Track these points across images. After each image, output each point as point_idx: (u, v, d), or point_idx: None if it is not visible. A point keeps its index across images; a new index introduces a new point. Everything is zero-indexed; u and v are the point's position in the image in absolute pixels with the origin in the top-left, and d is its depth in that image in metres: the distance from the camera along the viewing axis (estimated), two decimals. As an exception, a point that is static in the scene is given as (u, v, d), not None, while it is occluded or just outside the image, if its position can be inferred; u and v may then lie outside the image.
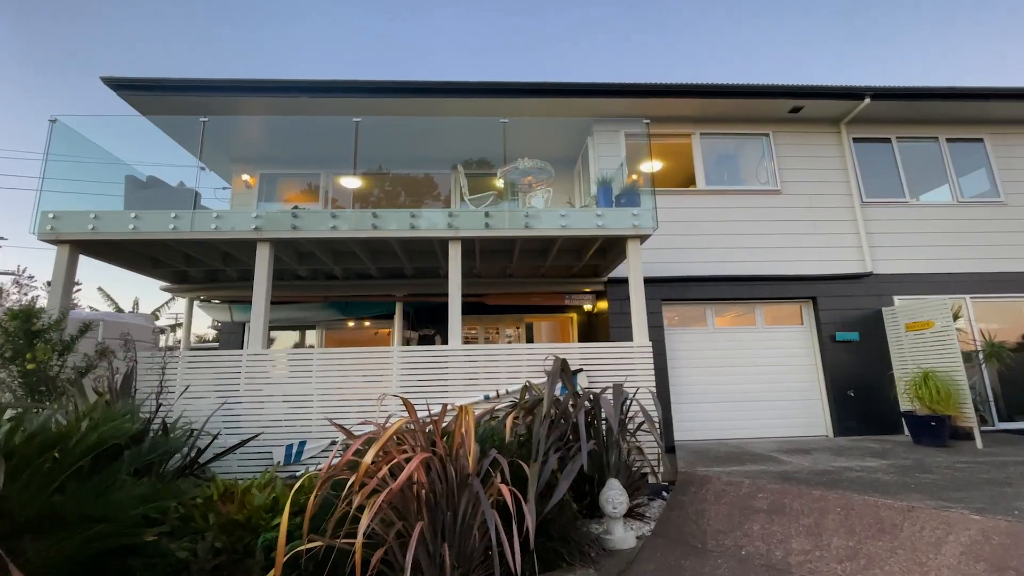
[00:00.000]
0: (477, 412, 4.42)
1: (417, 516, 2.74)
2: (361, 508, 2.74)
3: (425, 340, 8.41)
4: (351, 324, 8.97)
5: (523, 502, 2.65)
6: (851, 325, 7.60)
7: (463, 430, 2.99)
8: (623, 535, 3.55)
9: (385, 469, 2.71)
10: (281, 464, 4.64)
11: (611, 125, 8.02)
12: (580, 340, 9.14)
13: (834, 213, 8.00)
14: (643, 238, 5.55)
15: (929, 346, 6.88)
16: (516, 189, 7.08)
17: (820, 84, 7.73)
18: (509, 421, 3.65)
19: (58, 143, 5.29)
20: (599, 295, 7.90)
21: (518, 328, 9.41)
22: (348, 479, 2.99)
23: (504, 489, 2.63)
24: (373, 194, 9.09)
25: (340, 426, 3.26)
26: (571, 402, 4.08)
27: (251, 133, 8.38)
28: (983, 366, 7.48)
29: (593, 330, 8.76)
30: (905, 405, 6.95)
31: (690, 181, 8.10)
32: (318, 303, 7.78)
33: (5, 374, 4.07)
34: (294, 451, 4.76)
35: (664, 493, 4.74)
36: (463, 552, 2.82)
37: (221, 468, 4.32)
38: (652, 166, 7.28)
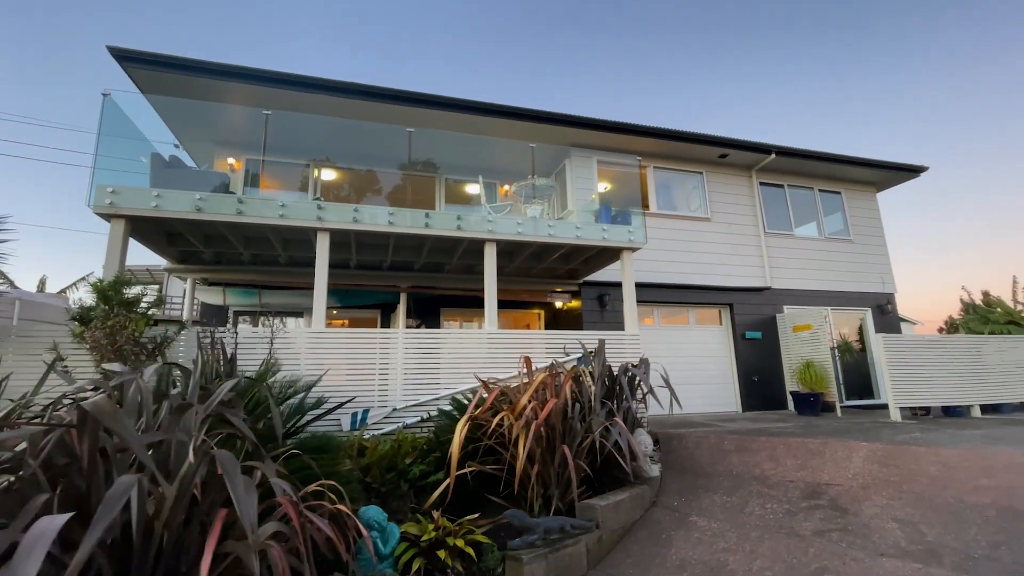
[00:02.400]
0: (517, 383, 5.45)
1: (548, 442, 3.79)
2: (492, 438, 3.72)
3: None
4: (334, 312, 9.30)
5: (628, 435, 3.83)
6: (756, 326, 9.87)
7: (569, 383, 4.08)
8: (650, 467, 4.88)
9: (532, 406, 3.72)
10: (347, 430, 5.25)
11: (586, 152, 9.46)
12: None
13: (746, 239, 10.28)
14: (634, 250, 7.01)
15: (808, 343, 9.31)
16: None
17: (742, 139, 9.93)
18: (568, 385, 4.78)
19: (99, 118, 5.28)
20: (573, 295, 9.27)
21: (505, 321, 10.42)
22: (480, 423, 3.93)
23: (618, 421, 3.80)
24: (345, 189, 9.56)
25: (481, 379, 4.16)
26: (607, 372, 5.32)
27: (242, 119, 8.37)
28: (837, 359, 10.19)
29: (559, 324, 10.11)
30: (792, 387, 9.32)
31: (643, 204, 9.83)
32: (307, 290, 8.09)
33: (108, 340, 4.24)
34: (358, 418, 5.39)
35: (653, 447, 6.19)
36: (579, 469, 3.92)
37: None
38: (645, 195, 8.81)
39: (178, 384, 3.83)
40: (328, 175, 9.20)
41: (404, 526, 3.33)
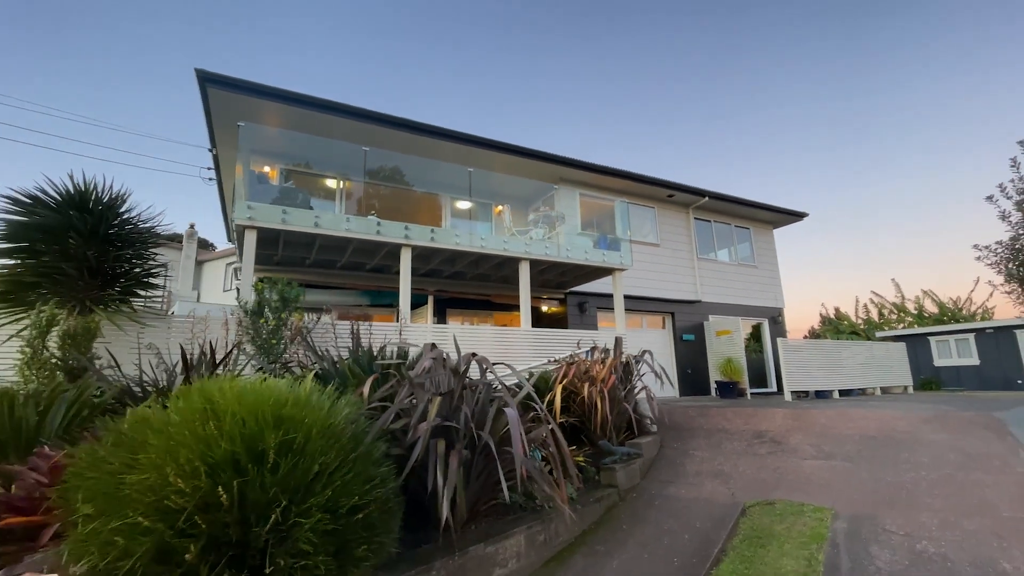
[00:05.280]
0: (554, 367, 7.36)
1: (611, 404, 5.78)
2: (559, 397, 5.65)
3: (426, 326, 10.55)
4: (367, 308, 10.47)
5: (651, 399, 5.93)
6: (690, 330, 12.66)
7: (611, 363, 6.11)
8: (652, 425, 7.05)
9: (606, 372, 5.68)
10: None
11: (571, 185, 11.59)
12: (526, 333, 12.34)
13: (684, 262, 13.07)
14: (623, 270, 9.23)
15: (727, 344, 12.23)
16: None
17: (685, 183, 12.67)
18: (609, 363, 6.77)
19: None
20: (560, 302, 11.32)
21: (486, 319, 12.13)
22: (562, 388, 5.81)
23: (647, 390, 5.88)
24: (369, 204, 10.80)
25: (561, 360, 5.99)
26: (622, 359, 7.40)
27: (279, 133, 9.32)
28: (744, 357, 13.32)
29: (541, 325, 12.08)
30: (716, 377, 12.19)
31: (612, 230, 12.18)
32: (354, 290, 9.32)
33: (273, 329, 5.45)
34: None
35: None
36: (626, 420, 5.95)
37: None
38: (630, 227, 11.02)
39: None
40: (354, 187, 10.35)
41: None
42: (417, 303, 10.11)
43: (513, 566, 3.52)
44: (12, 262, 4.71)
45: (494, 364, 4.09)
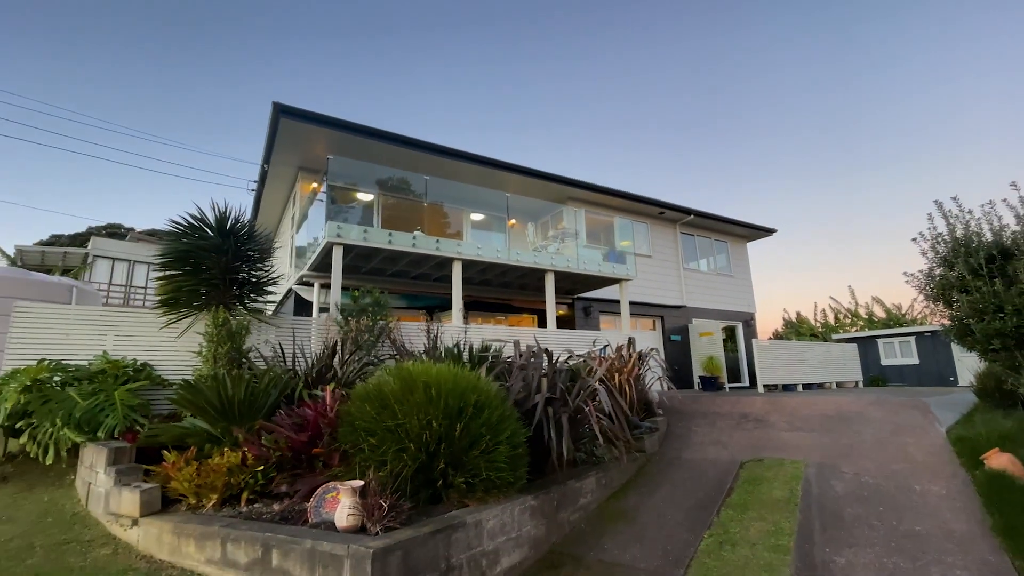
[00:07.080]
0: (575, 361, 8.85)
1: (635, 387, 7.33)
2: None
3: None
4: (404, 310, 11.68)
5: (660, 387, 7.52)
6: (677, 332, 14.41)
7: (634, 357, 7.67)
8: (658, 409, 8.65)
9: (631, 365, 7.22)
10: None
11: (577, 203, 13.14)
12: (534, 333, 13.80)
13: (671, 271, 14.82)
14: (629, 280, 10.82)
15: (708, 344, 14.04)
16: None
17: (673, 202, 14.41)
18: (633, 357, 8.31)
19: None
20: (568, 306, 12.85)
21: (501, 321, 13.53)
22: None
23: (663, 381, 7.46)
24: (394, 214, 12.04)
25: (599, 354, 7.49)
26: (635, 353, 8.95)
27: (325, 153, 10.48)
28: (723, 355, 15.17)
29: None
30: (699, 373, 13.97)
31: (609, 243, 13.79)
32: (395, 294, 10.57)
33: (365, 328, 6.74)
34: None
35: (641, 404, 9.99)
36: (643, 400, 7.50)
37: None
38: (634, 244, 12.61)
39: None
40: (387, 202, 11.59)
41: (582, 426, 6.59)
42: (447, 306, 11.44)
43: (590, 498, 5.00)
44: (174, 273, 5.88)
45: (568, 357, 5.53)
